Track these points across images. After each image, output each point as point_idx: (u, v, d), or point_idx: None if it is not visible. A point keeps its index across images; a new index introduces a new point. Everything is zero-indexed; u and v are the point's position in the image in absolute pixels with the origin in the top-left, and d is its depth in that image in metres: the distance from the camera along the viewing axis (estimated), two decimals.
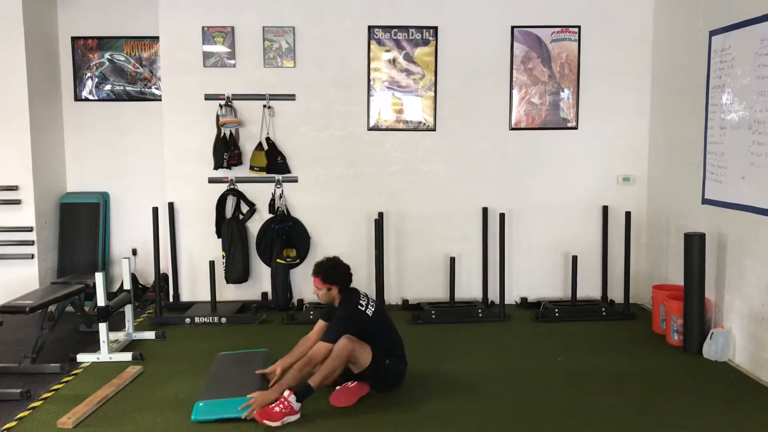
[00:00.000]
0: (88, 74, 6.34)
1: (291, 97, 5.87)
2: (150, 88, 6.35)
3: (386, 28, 5.84)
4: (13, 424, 3.60)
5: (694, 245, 4.66)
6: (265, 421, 3.52)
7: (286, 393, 3.60)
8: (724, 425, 3.55)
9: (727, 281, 4.63)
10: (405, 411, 3.73)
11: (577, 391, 4.03)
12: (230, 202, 5.94)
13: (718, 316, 4.73)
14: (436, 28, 5.84)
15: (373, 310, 3.99)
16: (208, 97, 5.83)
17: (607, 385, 4.13)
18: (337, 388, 3.87)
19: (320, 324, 4.15)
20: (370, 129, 5.93)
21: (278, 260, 5.79)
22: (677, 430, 3.50)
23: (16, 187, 5.89)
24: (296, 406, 3.60)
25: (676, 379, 4.22)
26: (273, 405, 3.57)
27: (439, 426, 3.56)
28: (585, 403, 3.84)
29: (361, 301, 3.99)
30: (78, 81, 6.35)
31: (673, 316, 4.87)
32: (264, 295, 6.01)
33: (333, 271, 4.01)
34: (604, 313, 5.60)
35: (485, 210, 5.89)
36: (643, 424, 3.55)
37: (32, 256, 5.94)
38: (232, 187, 5.90)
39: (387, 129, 5.94)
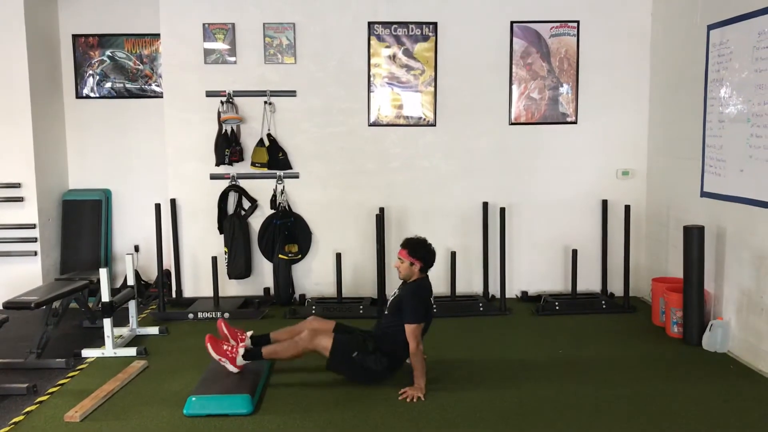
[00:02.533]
0: (89, 72, 6.37)
1: (292, 94, 5.90)
2: (151, 85, 6.38)
3: (386, 24, 5.86)
4: (21, 418, 3.63)
5: (694, 238, 4.70)
6: (208, 345, 3.95)
7: (242, 349, 3.91)
8: (723, 416, 3.59)
9: (726, 273, 4.67)
10: (406, 403, 3.76)
11: (578, 383, 4.07)
12: (232, 198, 5.97)
13: (717, 308, 4.77)
14: (435, 24, 5.86)
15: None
16: (210, 94, 5.86)
17: (608, 377, 4.17)
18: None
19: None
20: (370, 125, 5.96)
21: (280, 256, 5.83)
22: (677, 420, 3.54)
23: (19, 184, 5.93)
24: (239, 360, 3.87)
25: (676, 371, 4.26)
26: (234, 348, 3.92)
27: (441, 418, 3.59)
28: (586, 394, 3.88)
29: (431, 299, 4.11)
30: (79, 78, 6.37)
31: (673, 308, 4.91)
32: (266, 290, 6.04)
33: (422, 247, 4.06)
34: (604, 306, 5.64)
35: (485, 205, 5.92)
36: (643, 416, 3.59)
37: (35, 253, 5.98)
38: (233, 183, 5.93)
39: (387, 125, 5.97)
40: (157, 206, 5.69)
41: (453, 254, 5.76)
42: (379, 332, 4.10)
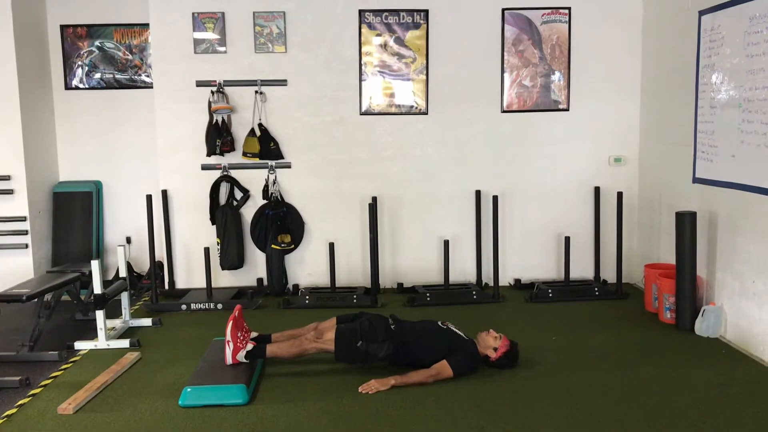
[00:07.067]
0: (78, 63, 6.31)
1: (283, 83, 5.86)
2: (140, 75, 6.33)
3: (377, 12, 5.83)
4: (14, 411, 3.62)
5: (686, 224, 4.71)
6: (230, 322, 3.93)
7: (250, 345, 3.94)
8: (716, 400, 3.61)
9: (718, 259, 4.69)
10: (402, 390, 3.76)
11: (572, 369, 4.08)
12: (224, 188, 5.95)
13: (709, 294, 4.79)
14: (426, 11, 5.83)
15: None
16: (200, 84, 5.82)
17: (602, 363, 4.19)
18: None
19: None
20: (362, 114, 5.94)
21: (273, 246, 5.81)
22: (670, 405, 3.56)
23: (9, 176, 5.88)
24: (240, 355, 3.89)
25: (669, 356, 4.29)
26: (244, 339, 3.95)
27: (436, 405, 3.60)
28: (580, 380, 3.90)
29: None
30: (68, 70, 6.31)
31: (666, 294, 4.93)
32: (259, 281, 6.03)
33: (512, 353, 4.08)
34: (597, 293, 5.65)
35: (478, 193, 5.92)
36: (636, 400, 3.61)
37: (26, 246, 5.94)
38: (225, 173, 5.91)
39: (379, 113, 5.94)
40: (149, 197, 5.66)
41: (446, 243, 5.76)
42: (414, 334, 4.05)
